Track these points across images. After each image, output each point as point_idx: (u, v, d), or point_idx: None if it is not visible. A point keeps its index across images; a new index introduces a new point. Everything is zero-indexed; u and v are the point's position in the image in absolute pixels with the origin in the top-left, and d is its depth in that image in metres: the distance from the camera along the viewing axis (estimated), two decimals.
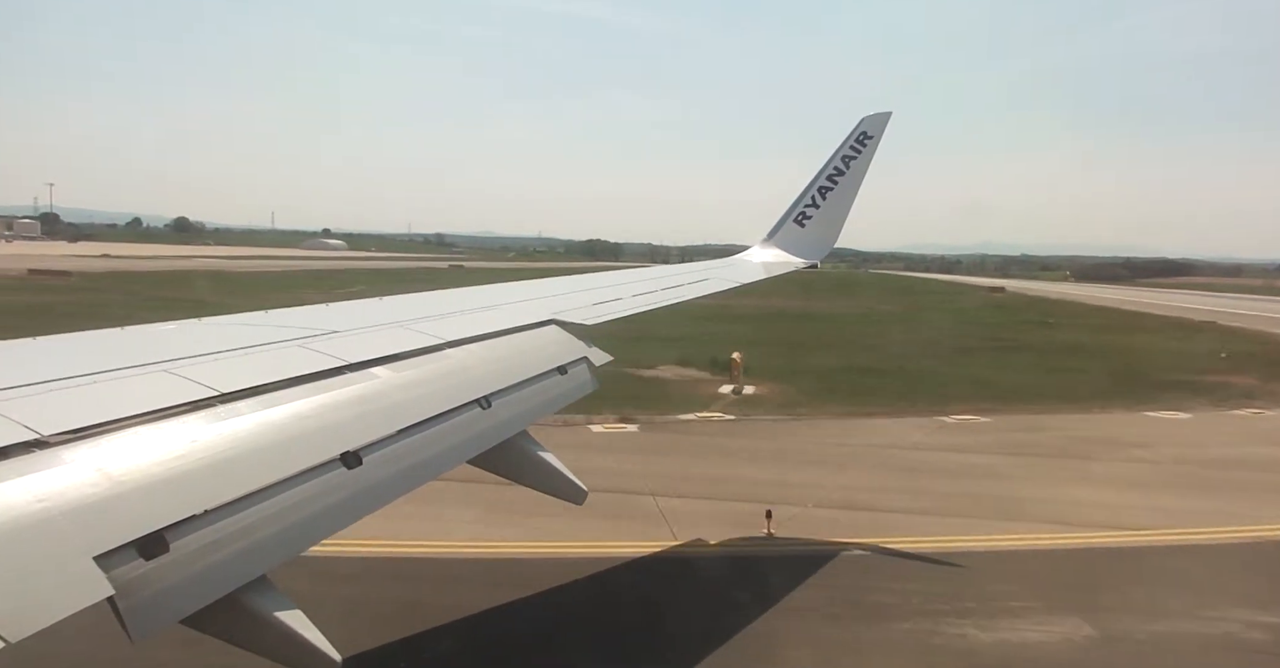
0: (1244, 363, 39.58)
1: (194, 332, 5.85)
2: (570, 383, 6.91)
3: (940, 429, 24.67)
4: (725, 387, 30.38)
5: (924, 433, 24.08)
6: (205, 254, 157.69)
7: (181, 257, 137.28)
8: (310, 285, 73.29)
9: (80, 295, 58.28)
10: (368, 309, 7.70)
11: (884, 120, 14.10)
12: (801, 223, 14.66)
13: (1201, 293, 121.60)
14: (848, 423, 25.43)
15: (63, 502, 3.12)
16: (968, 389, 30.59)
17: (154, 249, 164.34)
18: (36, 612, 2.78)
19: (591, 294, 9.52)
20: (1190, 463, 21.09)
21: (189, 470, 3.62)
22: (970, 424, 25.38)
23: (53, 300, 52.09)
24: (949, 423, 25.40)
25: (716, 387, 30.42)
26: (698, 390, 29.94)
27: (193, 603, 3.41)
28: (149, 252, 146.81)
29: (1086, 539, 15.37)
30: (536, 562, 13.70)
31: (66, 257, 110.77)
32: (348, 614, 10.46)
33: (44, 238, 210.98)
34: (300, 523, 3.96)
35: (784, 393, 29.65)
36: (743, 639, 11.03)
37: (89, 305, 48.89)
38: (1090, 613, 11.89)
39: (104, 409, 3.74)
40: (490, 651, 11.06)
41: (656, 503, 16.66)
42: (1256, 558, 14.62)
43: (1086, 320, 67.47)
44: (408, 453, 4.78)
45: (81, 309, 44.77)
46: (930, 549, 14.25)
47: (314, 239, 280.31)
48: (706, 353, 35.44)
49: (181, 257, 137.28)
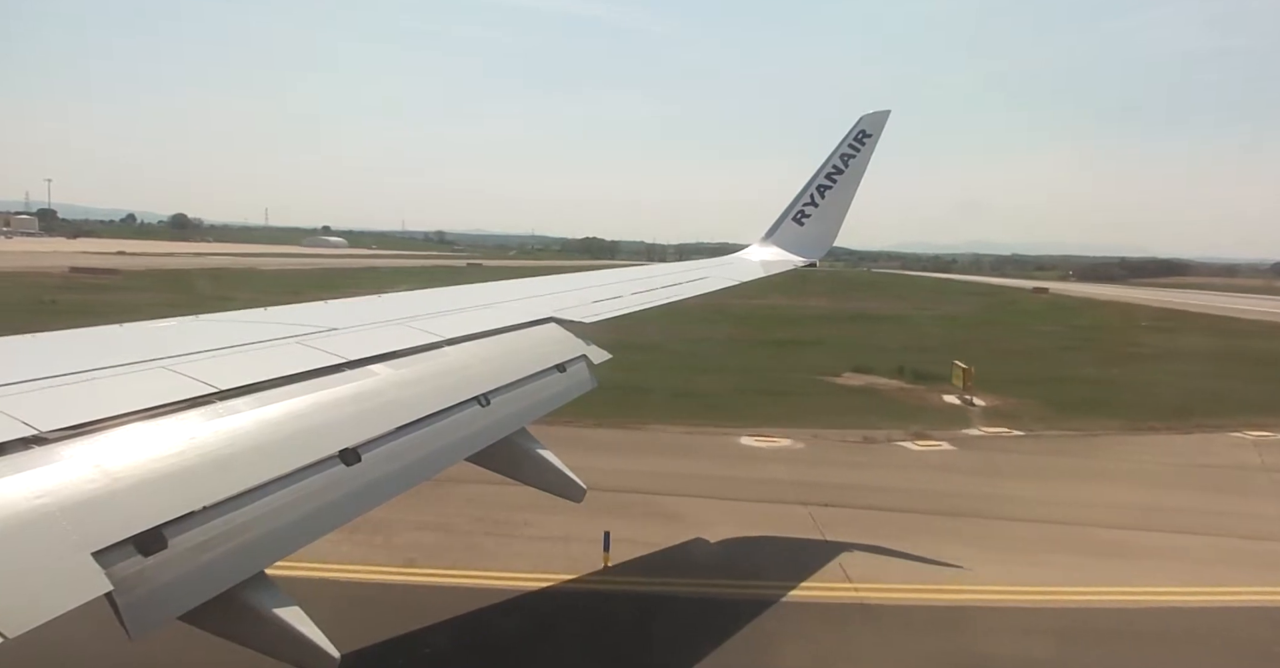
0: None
1: (192, 329, 5.84)
2: (569, 381, 6.91)
3: (1260, 447, 23.47)
4: (947, 397, 29.65)
5: (1248, 451, 22.90)
6: (217, 251, 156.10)
7: (197, 254, 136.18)
8: (352, 283, 72.16)
9: (142, 295, 56.11)
10: (366, 307, 7.68)
11: (883, 119, 14.08)
12: (800, 221, 14.65)
13: (1217, 293, 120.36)
14: (1149, 439, 24.52)
15: (61, 498, 3.12)
16: (1207, 401, 29.32)
17: (161, 246, 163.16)
18: (35, 608, 2.78)
19: (590, 292, 9.52)
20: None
21: (187, 467, 3.62)
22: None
23: (122, 299, 50.50)
24: (1261, 440, 24.19)
25: (937, 397, 29.82)
26: (926, 402, 29.37)
27: (191, 599, 3.41)
28: (159, 249, 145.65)
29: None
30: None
31: (83, 254, 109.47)
32: None
33: (42, 234, 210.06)
34: (299, 520, 3.96)
35: (1020, 406, 28.60)
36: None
37: (168, 306, 47.37)
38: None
39: (102, 406, 3.73)
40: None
41: (1164, 540, 15.83)
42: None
43: (1175, 324, 65.95)
44: (406, 450, 4.77)
45: (166, 310, 43.02)
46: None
47: (314, 236, 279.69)
48: (848, 358, 35.57)
49: (197, 254, 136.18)
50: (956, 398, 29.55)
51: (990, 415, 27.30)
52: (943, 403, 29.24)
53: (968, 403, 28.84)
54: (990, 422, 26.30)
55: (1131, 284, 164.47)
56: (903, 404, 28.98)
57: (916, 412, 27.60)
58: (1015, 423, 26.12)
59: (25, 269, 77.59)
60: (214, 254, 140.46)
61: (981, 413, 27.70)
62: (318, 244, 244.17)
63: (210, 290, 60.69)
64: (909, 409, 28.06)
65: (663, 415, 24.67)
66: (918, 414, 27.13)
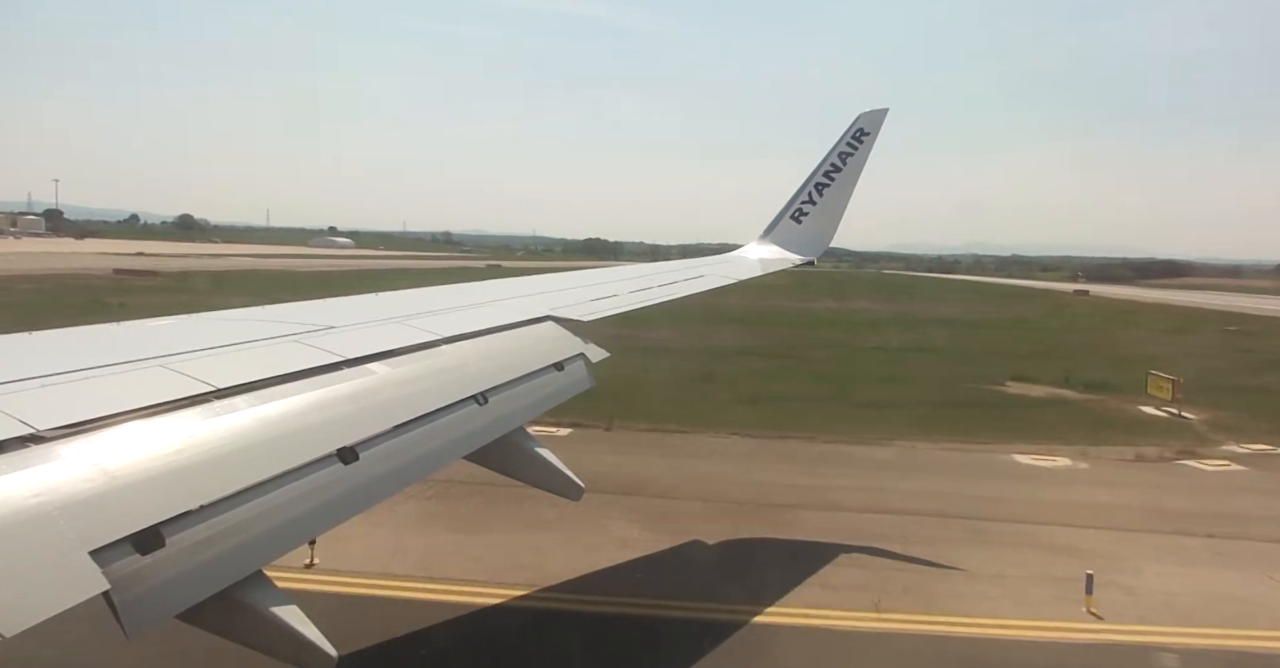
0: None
1: (190, 327, 5.82)
2: (567, 379, 6.90)
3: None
4: (1146, 408, 28.20)
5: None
6: (233, 252, 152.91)
7: (216, 255, 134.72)
8: (390, 284, 69.53)
9: (198, 296, 52.66)
10: (364, 305, 7.67)
11: (880, 117, 14.07)
12: (798, 219, 14.65)
13: (1241, 295, 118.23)
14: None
15: (58, 497, 3.11)
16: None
17: (174, 247, 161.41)
18: (32, 606, 2.77)
19: (587, 291, 9.51)
20: None
21: (185, 466, 3.61)
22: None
23: (188, 301, 48.16)
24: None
25: (1135, 409, 28.42)
26: (1130, 414, 27.97)
27: (189, 598, 3.41)
28: (173, 250, 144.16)
29: None
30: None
31: (105, 255, 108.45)
32: None
33: (49, 234, 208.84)
34: (296, 518, 3.95)
35: (1236, 419, 26.96)
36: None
37: (226, 307, 45.23)
38: None
39: (99, 404, 3.73)
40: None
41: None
42: None
43: (1253, 327, 64.33)
44: (404, 449, 4.77)
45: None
46: None
47: (320, 237, 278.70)
48: (988, 366, 35.16)
49: (216, 255, 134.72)
50: (1156, 409, 28.05)
51: (1220, 429, 25.60)
52: (1150, 415, 27.69)
53: (1175, 416, 27.18)
54: (1233, 437, 24.49)
55: (1140, 285, 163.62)
56: (1110, 418, 27.43)
57: (1135, 426, 26.13)
58: (1261, 438, 24.12)
59: (67, 270, 77.38)
60: (232, 255, 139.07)
61: (1207, 427, 25.97)
62: (325, 245, 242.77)
63: (266, 291, 60.13)
64: (1124, 423, 26.51)
65: (895, 430, 23.55)
66: (1138, 429, 25.62)
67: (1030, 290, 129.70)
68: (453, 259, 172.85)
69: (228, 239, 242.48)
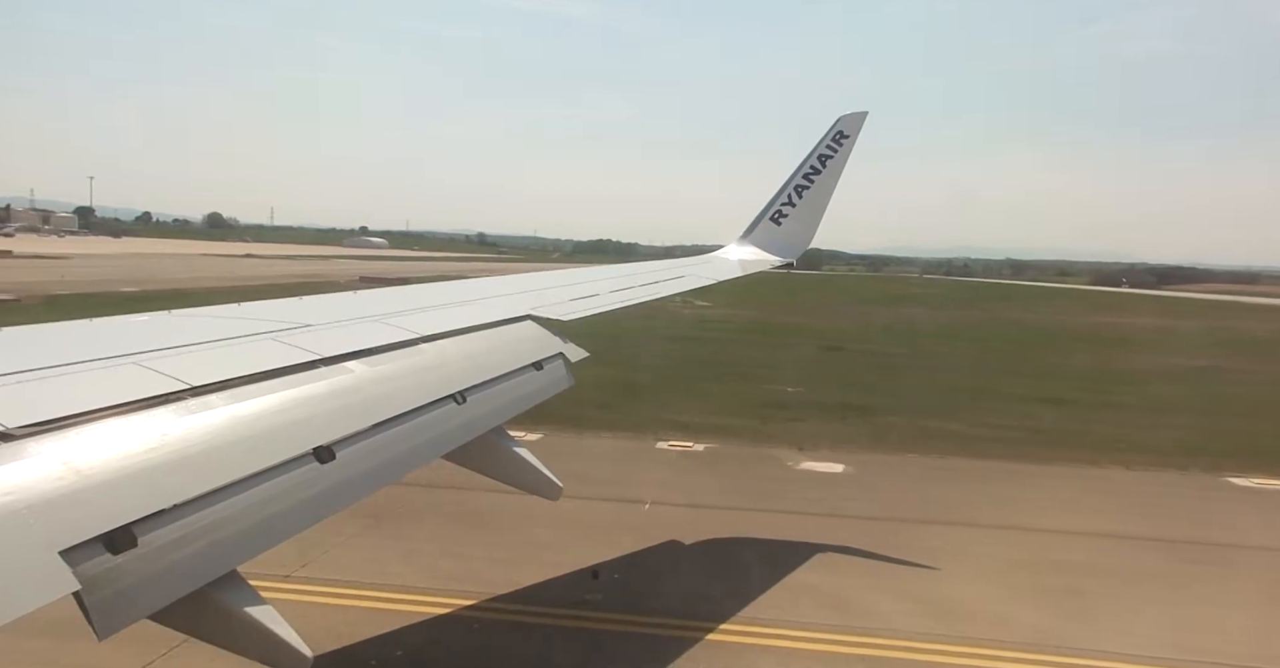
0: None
1: (165, 324, 5.75)
2: (546, 379, 6.90)
3: None
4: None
5: None
6: (278, 254, 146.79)
7: (287, 256, 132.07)
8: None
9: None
10: (342, 303, 7.62)
11: (860, 120, 14.17)
12: (778, 221, 14.71)
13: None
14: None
15: (27, 496, 3.05)
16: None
17: (217, 247, 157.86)
18: (0, 607, 2.73)
19: (568, 290, 9.50)
20: None
21: (158, 464, 3.57)
22: None
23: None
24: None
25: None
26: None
27: (162, 599, 3.36)
28: (226, 250, 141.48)
29: None
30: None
31: (210, 256, 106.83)
32: None
33: (84, 232, 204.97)
34: (272, 518, 3.92)
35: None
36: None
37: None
38: None
39: (71, 402, 3.66)
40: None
41: None
42: None
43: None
44: (381, 448, 4.74)
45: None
46: None
47: (355, 237, 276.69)
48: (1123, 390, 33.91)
49: (287, 256, 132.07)
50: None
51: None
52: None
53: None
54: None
55: (1169, 290, 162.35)
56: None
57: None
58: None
59: (313, 278, 76.01)
60: (294, 256, 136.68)
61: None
62: (360, 245, 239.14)
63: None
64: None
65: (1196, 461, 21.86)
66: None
67: (1116, 295, 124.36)
68: (496, 261, 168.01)
69: (258, 239, 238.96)
